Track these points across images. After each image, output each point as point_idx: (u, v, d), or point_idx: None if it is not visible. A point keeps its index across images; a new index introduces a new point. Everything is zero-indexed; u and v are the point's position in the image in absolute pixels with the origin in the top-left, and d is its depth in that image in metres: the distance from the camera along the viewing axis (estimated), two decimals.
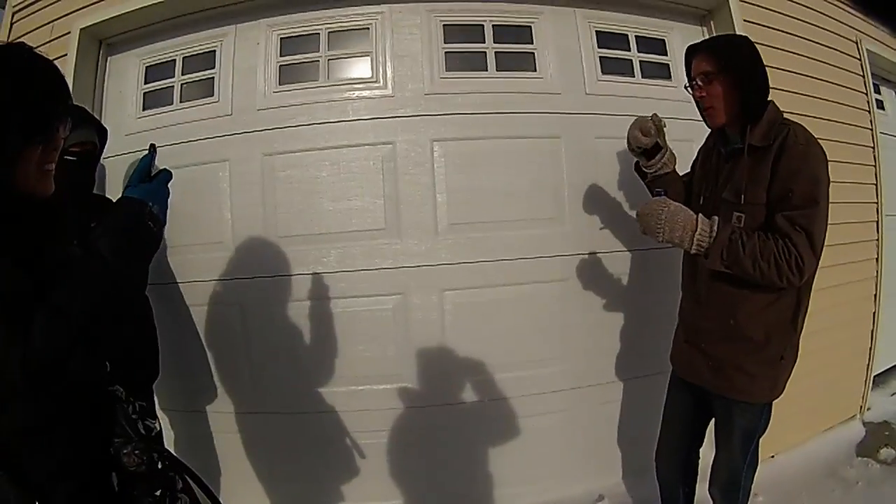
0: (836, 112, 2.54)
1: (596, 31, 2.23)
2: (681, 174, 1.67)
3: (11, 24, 2.64)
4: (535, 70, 2.14)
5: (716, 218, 1.34)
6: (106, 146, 1.81)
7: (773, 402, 1.49)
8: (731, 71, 1.38)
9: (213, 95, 2.21)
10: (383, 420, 2.08)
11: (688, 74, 1.49)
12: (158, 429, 1.12)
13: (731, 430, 1.49)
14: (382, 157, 2.04)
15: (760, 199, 1.35)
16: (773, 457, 2.27)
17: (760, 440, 1.52)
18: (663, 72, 2.30)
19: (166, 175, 0.99)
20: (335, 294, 2.06)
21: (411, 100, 2.06)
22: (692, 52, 1.47)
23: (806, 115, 2.42)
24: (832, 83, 2.57)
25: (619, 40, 2.26)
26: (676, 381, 1.67)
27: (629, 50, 2.26)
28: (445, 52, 2.11)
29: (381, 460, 2.10)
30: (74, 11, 2.36)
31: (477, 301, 2.07)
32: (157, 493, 0.99)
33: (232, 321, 2.13)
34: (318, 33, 2.15)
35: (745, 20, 2.25)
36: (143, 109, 2.33)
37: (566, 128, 2.11)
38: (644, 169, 1.64)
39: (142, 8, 2.20)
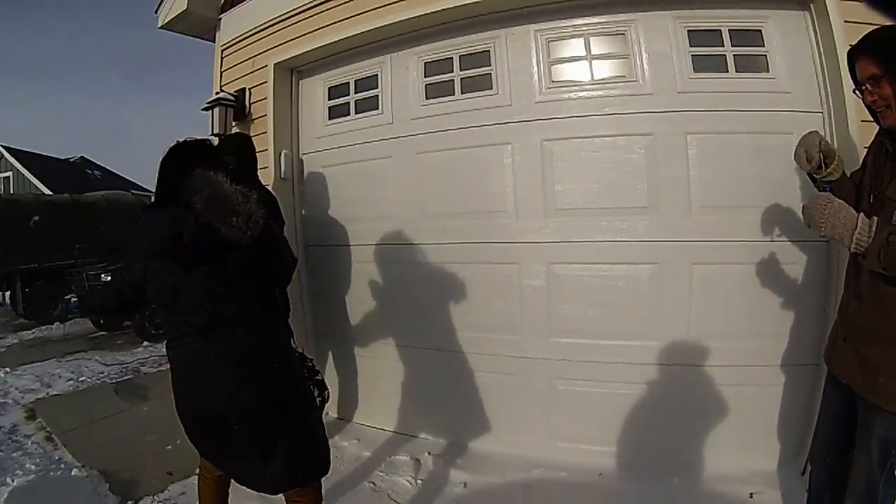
0: None
1: (688, 31, 2.56)
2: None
3: (222, 59, 3.79)
4: (630, 74, 2.61)
5: (875, 219, 1.39)
6: (295, 147, 3.27)
7: None
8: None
9: (378, 109, 3.14)
10: (500, 363, 2.85)
11: (853, 77, 1.55)
12: None
13: (868, 438, 1.47)
14: (503, 155, 2.78)
15: None
16: None
17: None
18: (759, 64, 2.51)
19: None
20: (469, 259, 2.89)
21: (525, 107, 2.75)
22: (853, 55, 1.53)
23: None
24: None
25: (712, 36, 2.55)
26: (830, 379, 1.69)
27: (722, 45, 2.52)
28: (551, 66, 2.71)
29: (501, 397, 2.87)
30: (269, 50, 3.43)
31: (577, 274, 2.67)
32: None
33: (391, 274, 3.13)
34: (452, 57, 2.92)
35: None
36: (329, 119, 3.37)
37: (659, 125, 2.54)
38: (814, 175, 1.72)
39: (319, 47, 3.18)
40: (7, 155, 21.73)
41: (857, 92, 1.54)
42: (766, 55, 2.50)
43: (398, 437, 3.16)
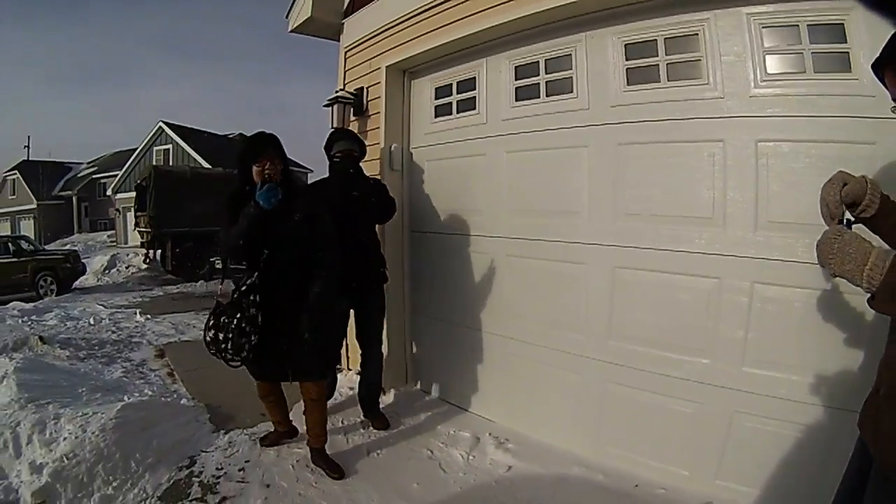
0: None
1: (762, 27, 2.39)
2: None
3: (345, 59, 4.38)
4: (702, 76, 2.53)
5: (893, 252, 1.14)
6: (405, 141, 3.74)
7: None
8: None
9: (475, 109, 3.49)
10: (564, 360, 3.05)
11: (882, 83, 1.31)
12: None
13: None
14: (581, 157, 2.93)
15: None
16: None
17: None
18: (840, 63, 2.24)
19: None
20: (546, 256, 3.11)
21: (602, 111, 2.86)
22: (879, 67, 1.30)
23: None
24: None
25: (789, 33, 2.34)
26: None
27: (800, 42, 2.31)
28: (626, 69, 2.77)
29: (562, 392, 3.06)
30: (382, 54, 3.94)
31: (638, 280, 2.74)
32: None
33: (478, 263, 3.53)
34: (538, 61, 3.15)
35: None
36: (435, 117, 3.79)
37: (729, 131, 2.44)
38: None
39: (424, 51, 3.61)
40: (167, 129, 25.25)
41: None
42: (848, 52, 2.22)
43: (467, 414, 3.53)
